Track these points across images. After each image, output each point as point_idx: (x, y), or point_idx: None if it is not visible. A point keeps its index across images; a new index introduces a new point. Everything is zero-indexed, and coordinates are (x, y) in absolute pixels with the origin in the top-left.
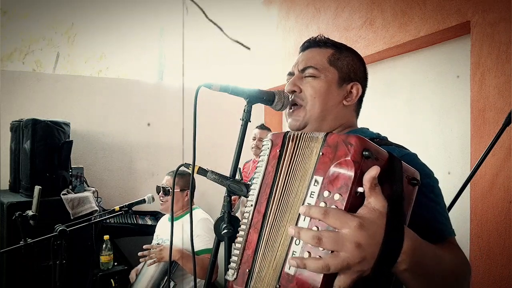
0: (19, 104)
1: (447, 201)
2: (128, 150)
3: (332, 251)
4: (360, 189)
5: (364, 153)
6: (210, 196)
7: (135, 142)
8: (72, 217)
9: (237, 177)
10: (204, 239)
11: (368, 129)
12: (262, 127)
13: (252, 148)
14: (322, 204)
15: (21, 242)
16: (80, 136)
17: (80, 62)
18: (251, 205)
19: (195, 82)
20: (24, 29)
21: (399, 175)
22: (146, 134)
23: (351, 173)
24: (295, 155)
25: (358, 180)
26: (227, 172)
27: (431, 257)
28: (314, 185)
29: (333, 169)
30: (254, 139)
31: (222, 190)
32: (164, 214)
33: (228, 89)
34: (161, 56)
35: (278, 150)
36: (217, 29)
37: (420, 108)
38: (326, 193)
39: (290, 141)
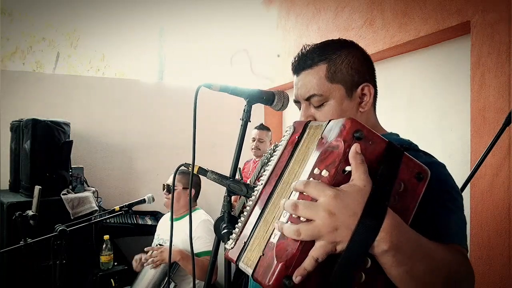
0: (19, 104)
1: None
2: (128, 150)
3: (307, 220)
4: (348, 168)
5: (355, 134)
6: (210, 196)
7: (135, 142)
8: (72, 217)
9: (237, 177)
10: (205, 241)
11: (398, 135)
12: (261, 127)
13: (252, 149)
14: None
15: (21, 242)
16: (80, 136)
17: (81, 63)
18: (262, 183)
19: (195, 82)
20: (25, 29)
21: (396, 163)
22: (146, 134)
23: (340, 150)
24: (305, 141)
25: (346, 158)
26: (227, 172)
27: (418, 244)
28: (308, 164)
29: (325, 148)
30: (253, 140)
31: (222, 190)
32: (165, 214)
33: (228, 89)
34: (161, 56)
35: (296, 137)
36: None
37: (420, 108)
38: (316, 170)
39: (308, 129)
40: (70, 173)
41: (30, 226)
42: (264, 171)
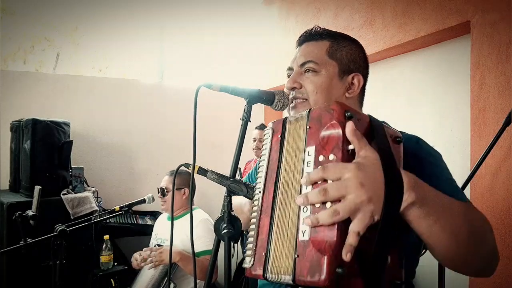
0: (19, 104)
1: None
2: (128, 150)
3: (339, 201)
4: (350, 147)
5: (346, 114)
6: (210, 196)
7: (135, 142)
8: (72, 217)
9: (237, 177)
10: (204, 241)
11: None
12: (262, 127)
13: (253, 149)
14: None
15: (21, 242)
16: (80, 136)
17: (81, 63)
18: (259, 192)
19: (195, 82)
20: (27, 29)
21: (382, 132)
22: (146, 134)
23: (339, 131)
24: (289, 137)
25: (346, 139)
26: (227, 172)
27: (437, 194)
28: (308, 155)
29: (322, 135)
30: (254, 140)
31: (222, 190)
32: (163, 213)
33: (228, 89)
34: (161, 56)
35: (279, 136)
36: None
37: (420, 108)
38: (321, 158)
39: (288, 125)
40: (70, 173)
41: (30, 226)
42: (256, 178)
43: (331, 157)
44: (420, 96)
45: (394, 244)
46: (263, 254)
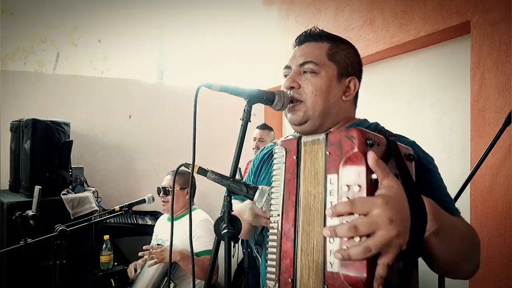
0: (19, 104)
1: None
2: (128, 150)
3: (368, 236)
4: (373, 176)
5: (368, 142)
6: (210, 196)
7: (135, 142)
8: (72, 217)
9: (237, 177)
10: (205, 241)
11: (366, 120)
12: (263, 127)
13: (253, 148)
14: (344, 199)
15: (21, 242)
16: (80, 136)
17: (81, 63)
18: (278, 214)
19: (196, 82)
20: (26, 28)
21: (398, 153)
22: (146, 134)
23: (362, 164)
24: (306, 160)
25: (369, 167)
26: (227, 172)
27: (448, 218)
28: (330, 183)
29: (344, 164)
30: (254, 140)
31: (222, 190)
32: (164, 214)
33: (228, 89)
34: (161, 56)
35: (294, 157)
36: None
37: (420, 108)
38: (345, 188)
39: (303, 146)
40: (70, 173)
41: (30, 226)
42: (271, 199)
43: (356, 188)
44: (420, 96)
45: (415, 265)
46: (289, 280)
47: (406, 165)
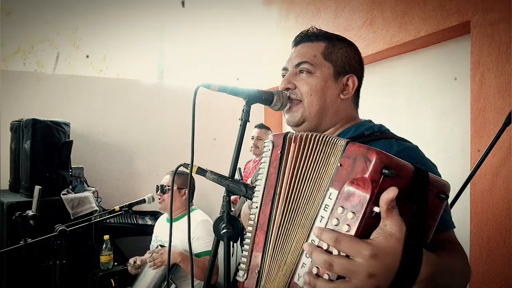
0: (19, 104)
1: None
2: (128, 150)
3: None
4: (376, 209)
5: (384, 171)
6: (210, 196)
7: (135, 142)
8: (72, 217)
9: (237, 177)
10: (204, 241)
11: (371, 121)
12: (261, 126)
13: (251, 147)
14: (334, 221)
15: (21, 242)
16: (80, 136)
17: (81, 63)
18: (256, 207)
19: (195, 82)
20: (26, 29)
21: (424, 193)
22: (146, 134)
23: (367, 192)
24: (305, 157)
25: (374, 200)
26: (226, 172)
27: (446, 274)
28: (329, 197)
29: (348, 185)
30: (252, 138)
31: (221, 190)
32: (163, 214)
33: (227, 89)
34: (161, 56)
35: (279, 152)
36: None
37: (420, 108)
38: (339, 210)
39: (292, 142)
40: (70, 173)
41: (30, 226)
42: (253, 192)
43: (350, 215)
44: (420, 96)
45: None
46: (256, 271)
47: (426, 211)
